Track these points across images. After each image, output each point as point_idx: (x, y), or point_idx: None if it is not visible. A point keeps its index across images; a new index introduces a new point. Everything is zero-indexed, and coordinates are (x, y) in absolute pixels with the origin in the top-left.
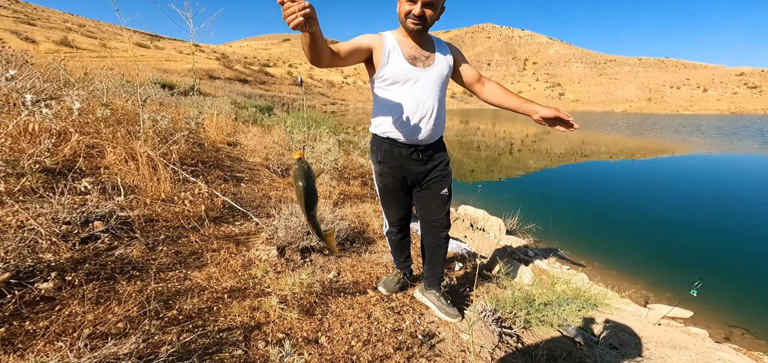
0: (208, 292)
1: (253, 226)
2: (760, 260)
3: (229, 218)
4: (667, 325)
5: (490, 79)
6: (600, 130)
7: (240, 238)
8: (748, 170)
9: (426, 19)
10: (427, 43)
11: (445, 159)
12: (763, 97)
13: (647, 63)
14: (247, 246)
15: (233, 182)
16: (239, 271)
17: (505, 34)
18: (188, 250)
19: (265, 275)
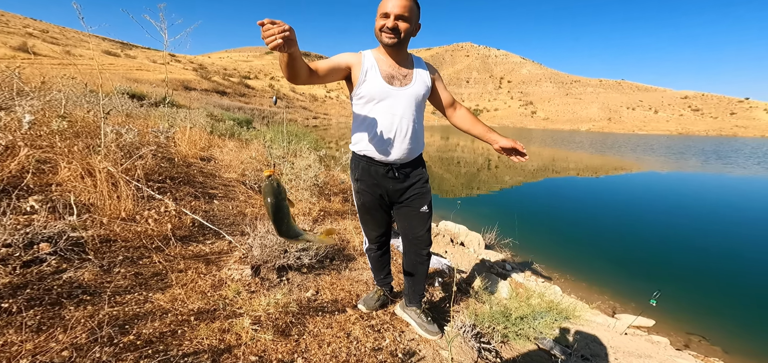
0: (171, 315)
1: (225, 244)
2: (712, 270)
3: (199, 237)
4: (632, 334)
5: (461, 105)
6: (568, 148)
7: (210, 257)
8: (694, 187)
9: (400, 32)
10: (406, 60)
11: (424, 176)
12: (704, 119)
13: (607, 84)
14: (219, 265)
15: (205, 199)
16: (208, 291)
17: (483, 53)
18: (150, 271)
19: (238, 296)
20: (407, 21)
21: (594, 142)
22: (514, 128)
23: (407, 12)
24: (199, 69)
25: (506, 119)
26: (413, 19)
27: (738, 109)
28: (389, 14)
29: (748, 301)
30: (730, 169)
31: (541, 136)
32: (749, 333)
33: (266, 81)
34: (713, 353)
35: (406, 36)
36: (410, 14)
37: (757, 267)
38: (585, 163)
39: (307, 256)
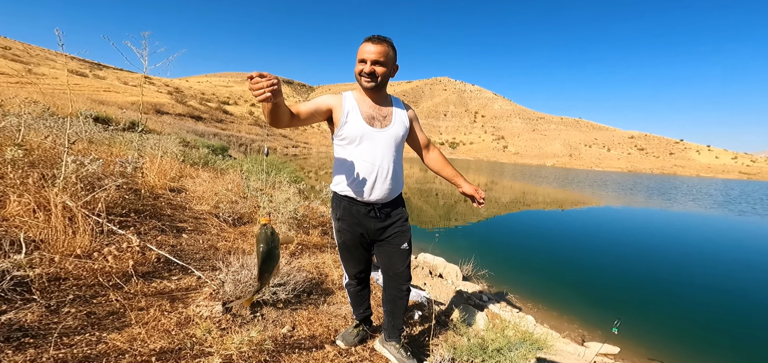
0: (129, 356)
1: (193, 280)
2: (663, 297)
3: (164, 273)
4: (600, 362)
5: (435, 147)
6: (536, 183)
7: (176, 294)
8: (643, 220)
9: (377, 76)
10: (385, 101)
11: (404, 215)
12: (648, 158)
13: (567, 122)
14: (185, 303)
15: (173, 233)
16: (173, 330)
17: (459, 88)
18: (105, 310)
19: (208, 334)
20: (383, 65)
21: (558, 177)
22: (489, 161)
23: (383, 57)
24: (174, 92)
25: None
26: (389, 63)
27: (675, 149)
28: (366, 60)
29: (697, 324)
30: (670, 205)
31: (512, 171)
32: (699, 354)
33: (246, 107)
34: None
35: (384, 79)
36: (386, 59)
37: (701, 293)
38: (551, 196)
39: (283, 291)
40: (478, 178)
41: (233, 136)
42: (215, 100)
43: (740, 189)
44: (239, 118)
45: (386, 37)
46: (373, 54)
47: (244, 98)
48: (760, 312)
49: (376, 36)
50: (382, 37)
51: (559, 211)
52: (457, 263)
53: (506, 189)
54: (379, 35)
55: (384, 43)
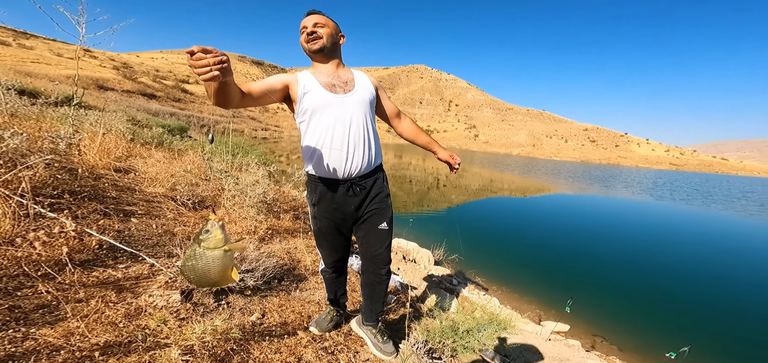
0: (65, 352)
1: (145, 268)
2: (606, 277)
3: (108, 261)
4: (555, 339)
5: (406, 116)
6: (503, 170)
7: (124, 283)
8: (591, 206)
9: (321, 36)
10: (343, 70)
11: (384, 190)
12: (598, 149)
13: (532, 114)
14: (135, 292)
15: (119, 217)
16: (121, 322)
17: (435, 76)
18: (33, 303)
19: (163, 324)
20: (325, 27)
21: (522, 166)
22: (460, 149)
23: (322, 21)
24: (121, 67)
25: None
26: (331, 27)
27: (620, 142)
28: (306, 26)
29: (634, 303)
30: (612, 193)
31: (481, 159)
32: (635, 329)
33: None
34: (611, 352)
35: (331, 41)
36: (326, 22)
37: (637, 274)
38: (516, 184)
39: (251, 277)
40: None
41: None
42: (172, 78)
43: (667, 178)
44: (201, 98)
45: (320, 10)
46: (311, 20)
47: None
48: (681, 285)
49: (314, 9)
50: (317, 9)
51: (521, 198)
52: (429, 248)
53: (476, 176)
54: (316, 9)
55: (320, 13)
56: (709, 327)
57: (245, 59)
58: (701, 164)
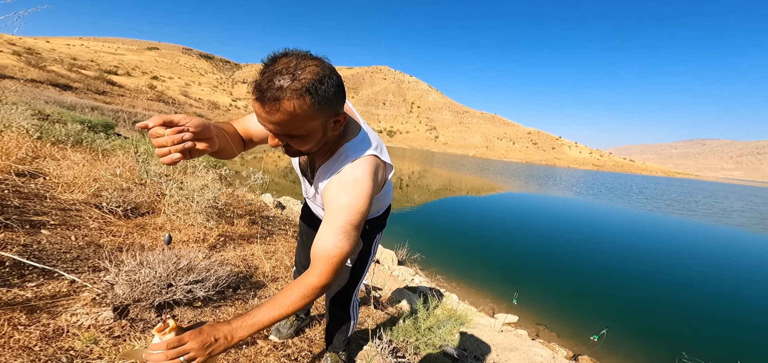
0: None
1: (64, 285)
2: (548, 270)
3: (13, 279)
4: (506, 331)
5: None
6: (461, 171)
7: (36, 303)
8: (535, 204)
9: (294, 150)
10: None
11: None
12: (539, 151)
13: (486, 117)
14: (53, 313)
15: (25, 229)
16: (36, 346)
17: (398, 78)
18: None
19: (93, 344)
20: (296, 135)
21: (477, 166)
22: (422, 150)
23: (288, 125)
24: (25, 53)
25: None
26: (308, 122)
27: (556, 145)
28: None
29: (566, 292)
30: (549, 191)
31: (441, 159)
32: (569, 316)
33: (144, 80)
34: (551, 338)
35: (314, 144)
36: (296, 124)
37: (568, 264)
38: (472, 184)
39: (201, 288)
40: (413, 166)
41: (123, 112)
42: (95, 67)
43: (589, 177)
44: (133, 92)
45: (288, 86)
46: (271, 125)
47: (141, 69)
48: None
49: (268, 92)
50: (276, 95)
51: (477, 196)
52: (392, 248)
53: (436, 177)
54: (272, 89)
55: (279, 106)
56: (621, 308)
57: (191, 52)
58: (616, 165)
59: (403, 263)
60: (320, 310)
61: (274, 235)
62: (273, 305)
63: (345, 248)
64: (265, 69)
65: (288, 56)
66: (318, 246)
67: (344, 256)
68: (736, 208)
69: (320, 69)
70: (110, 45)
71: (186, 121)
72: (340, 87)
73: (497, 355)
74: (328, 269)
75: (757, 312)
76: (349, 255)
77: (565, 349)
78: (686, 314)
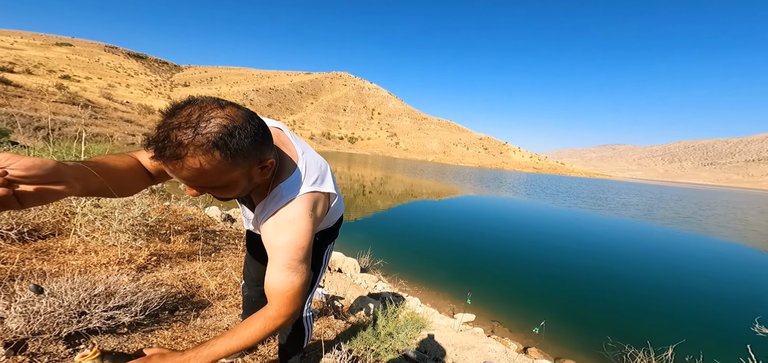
0: None
1: None
2: (498, 268)
3: None
4: (464, 330)
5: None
6: (421, 176)
7: None
8: (490, 206)
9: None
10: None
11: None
12: (489, 155)
13: (442, 123)
14: None
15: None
16: None
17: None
18: None
19: None
20: (208, 184)
21: (436, 171)
22: (383, 157)
23: (195, 177)
24: None
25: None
26: (222, 173)
27: (503, 149)
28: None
29: (513, 287)
30: (497, 193)
31: (402, 165)
32: (518, 311)
33: (50, 79)
34: (504, 333)
35: (237, 190)
36: (204, 175)
37: (514, 261)
38: (432, 188)
39: (127, 313)
40: (375, 173)
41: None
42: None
43: (529, 180)
44: (36, 93)
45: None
46: (182, 179)
47: (46, 67)
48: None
49: (166, 150)
50: (176, 153)
51: (436, 200)
52: (355, 256)
53: (398, 182)
54: (171, 146)
55: (183, 164)
56: (555, 300)
57: (117, 51)
58: (551, 168)
59: (366, 270)
60: None
61: (222, 250)
62: (232, 337)
63: (296, 282)
64: (162, 123)
65: (191, 106)
66: (269, 284)
67: (298, 288)
68: (633, 202)
69: (229, 120)
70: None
71: (9, 161)
72: (257, 135)
73: (456, 355)
74: (285, 303)
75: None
76: (304, 285)
77: (516, 343)
78: (609, 301)
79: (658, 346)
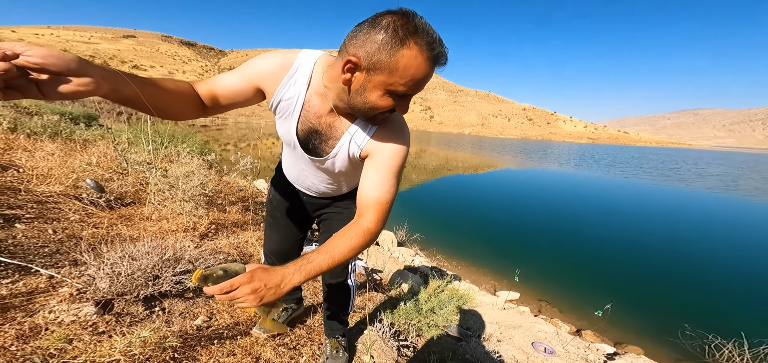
0: None
1: (41, 281)
2: (549, 245)
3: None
4: (508, 308)
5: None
6: (457, 149)
7: (11, 302)
8: (534, 179)
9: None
10: (346, 122)
11: (347, 200)
12: (535, 127)
13: (480, 95)
14: (29, 310)
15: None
16: (12, 345)
17: None
18: None
19: (68, 344)
20: None
21: (473, 144)
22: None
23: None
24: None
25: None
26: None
27: (551, 120)
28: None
29: (567, 267)
30: (548, 165)
31: (437, 139)
32: (571, 291)
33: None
34: (554, 314)
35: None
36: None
37: (568, 239)
38: (469, 162)
39: (191, 279)
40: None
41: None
42: None
43: (584, 151)
44: None
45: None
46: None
47: (119, 59)
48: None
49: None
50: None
51: (474, 174)
52: (391, 230)
53: (433, 156)
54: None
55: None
56: (620, 281)
57: (172, 40)
58: (610, 137)
59: (403, 244)
60: (312, 299)
61: None
62: (329, 252)
63: (392, 193)
64: (427, 28)
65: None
66: (370, 194)
67: (391, 201)
68: (713, 172)
69: None
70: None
71: (25, 48)
72: None
73: (501, 333)
74: (381, 214)
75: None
76: (393, 201)
77: (568, 325)
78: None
79: (753, 338)
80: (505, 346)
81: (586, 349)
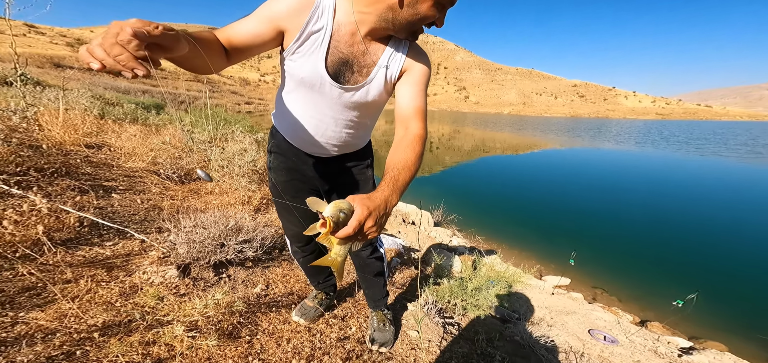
0: (62, 335)
1: (135, 244)
2: (605, 231)
3: (93, 239)
4: (558, 293)
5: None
6: (494, 129)
7: (113, 261)
8: (583, 159)
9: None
10: (380, 48)
11: (365, 162)
12: (587, 104)
13: (521, 73)
14: (128, 270)
15: (98, 194)
16: (117, 301)
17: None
18: (17, 286)
19: (160, 302)
20: None
21: (513, 124)
22: (451, 111)
23: None
24: (76, 44)
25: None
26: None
27: (608, 96)
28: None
29: (629, 253)
30: (602, 145)
31: (473, 119)
32: (634, 279)
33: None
34: (612, 303)
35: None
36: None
37: (630, 224)
38: (507, 142)
39: (250, 248)
40: (443, 128)
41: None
42: None
43: (650, 127)
44: (174, 74)
45: None
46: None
47: None
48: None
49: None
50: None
51: (514, 155)
52: (427, 210)
53: (468, 137)
54: None
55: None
56: (714, 272)
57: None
58: (686, 112)
59: (440, 224)
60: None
61: None
62: (401, 169)
63: (426, 104)
64: None
65: None
66: (411, 104)
67: (427, 111)
68: None
69: None
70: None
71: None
72: None
73: (552, 318)
74: (424, 120)
75: None
76: None
77: (630, 314)
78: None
79: None
80: (557, 331)
81: (655, 342)
